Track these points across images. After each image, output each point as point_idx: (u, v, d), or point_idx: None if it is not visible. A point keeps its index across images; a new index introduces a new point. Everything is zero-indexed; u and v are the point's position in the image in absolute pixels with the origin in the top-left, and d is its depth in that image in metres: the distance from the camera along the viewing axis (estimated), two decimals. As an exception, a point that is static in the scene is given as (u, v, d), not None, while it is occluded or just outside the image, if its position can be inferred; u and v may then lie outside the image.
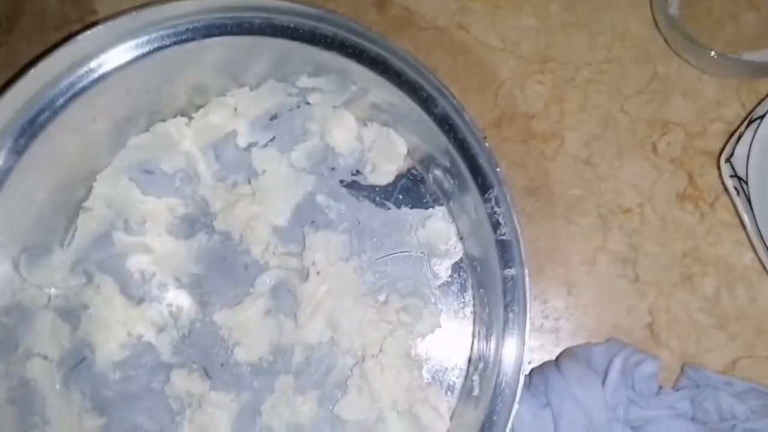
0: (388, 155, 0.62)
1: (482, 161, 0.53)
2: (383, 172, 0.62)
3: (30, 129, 0.55)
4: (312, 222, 0.62)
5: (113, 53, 0.55)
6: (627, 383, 0.54)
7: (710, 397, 0.54)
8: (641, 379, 0.54)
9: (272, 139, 0.64)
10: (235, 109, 0.63)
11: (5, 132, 0.54)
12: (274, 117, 0.64)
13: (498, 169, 0.52)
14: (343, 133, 0.63)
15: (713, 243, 0.61)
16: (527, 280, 0.51)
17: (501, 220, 0.52)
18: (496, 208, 0.52)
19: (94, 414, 0.59)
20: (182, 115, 0.63)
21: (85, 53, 0.54)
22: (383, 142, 0.62)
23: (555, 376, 0.54)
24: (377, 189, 0.62)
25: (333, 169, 0.63)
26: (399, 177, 0.62)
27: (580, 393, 0.52)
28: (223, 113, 0.63)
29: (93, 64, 0.55)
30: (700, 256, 0.61)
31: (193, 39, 0.55)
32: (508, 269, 0.52)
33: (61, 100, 0.55)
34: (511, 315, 0.51)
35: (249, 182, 0.63)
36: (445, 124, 0.54)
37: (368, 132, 0.63)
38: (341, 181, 0.63)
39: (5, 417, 0.55)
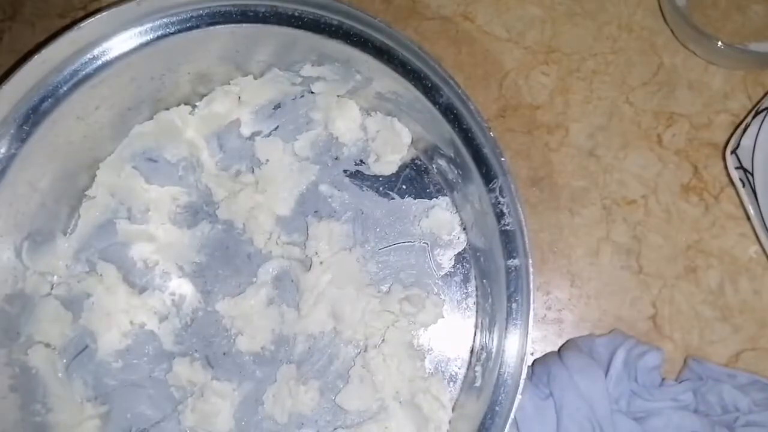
0: (392, 145, 0.62)
1: (487, 151, 0.53)
2: (387, 162, 0.62)
3: (33, 116, 0.54)
4: (315, 211, 0.62)
5: (117, 40, 0.54)
6: (630, 375, 0.54)
7: (713, 390, 0.54)
8: (644, 371, 0.54)
9: (276, 128, 0.63)
10: (239, 97, 0.63)
11: (8, 119, 0.54)
12: (277, 106, 0.64)
13: (503, 159, 0.52)
14: (347, 122, 0.63)
15: (717, 235, 0.61)
16: (531, 270, 0.51)
17: (505, 210, 0.52)
18: (500, 198, 0.52)
19: (96, 402, 0.59)
20: (186, 103, 0.63)
21: (88, 40, 0.54)
22: (387, 131, 0.62)
23: (558, 368, 0.54)
24: (381, 179, 0.62)
25: (336, 158, 0.63)
26: (403, 167, 0.62)
27: (582, 384, 0.52)
28: (227, 102, 0.63)
29: (96, 51, 0.54)
30: (704, 249, 0.61)
31: (197, 27, 0.55)
32: (511, 260, 0.52)
33: (64, 88, 0.55)
34: (514, 305, 0.51)
35: (252, 171, 0.63)
36: (450, 113, 0.54)
37: (372, 121, 0.62)
38: (345, 171, 0.63)
39: (7, 405, 0.55)
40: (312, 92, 0.62)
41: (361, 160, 0.63)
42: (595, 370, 0.53)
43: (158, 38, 0.55)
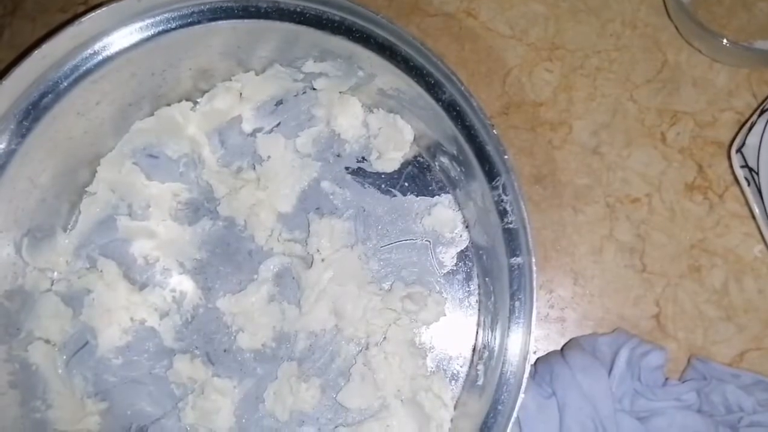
0: (395, 142, 0.61)
1: (490, 148, 0.52)
2: (389, 159, 0.62)
3: (34, 111, 0.54)
4: (317, 208, 0.61)
5: (117, 36, 0.54)
6: (633, 374, 0.54)
7: (717, 390, 0.54)
8: (647, 371, 0.54)
9: (278, 125, 0.63)
10: (241, 94, 0.63)
11: (8, 114, 0.54)
12: (279, 102, 0.63)
13: (506, 157, 0.51)
14: (349, 119, 0.62)
15: (722, 234, 0.60)
16: (534, 268, 0.50)
17: (508, 208, 0.52)
18: (503, 196, 0.52)
19: (96, 399, 0.59)
20: (187, 99, 0.62)
21: (89, 35, 0.54)
22: (389, 128, 0.61)
23: (560, 366, 0.54)
24: (383, 176, 0.62)
25: (338, 155, 0.63)
26: (405, 164, 0.62)
27: (585, 383, 0.52)
28: (229, 98, 0.62)
29: (97, 46, 0.54)
30: (708, 248, 0.60)
31: (198, 22, 0.55)
32: (514, 258, 0.51)
33: (65, 83, 0.54)
34: (517, 303, 0.51)
35: (254, 168, 0.62)
36: (453, 110, 0.53)
37: (374, 118, 0.62)
38: (347, 168, 0.62)
39: (7, 401, 0.55)
40: (314, 89, 0.62)
41: (363, 157, 0.63)
42: (598, 369, 0.53)
43: (159, 33, 0.55)
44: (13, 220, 0.56)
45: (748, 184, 0.57)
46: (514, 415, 0.49)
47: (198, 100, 0.63)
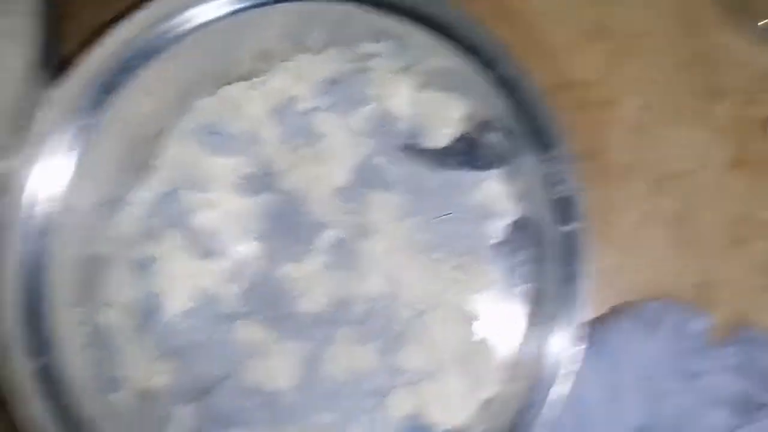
0: (445, 119, 0.64)
1: (541, 122, 0.55)
2: (439, 136, 0.64)
3: (107, 90, 0.58)
4: (370, 183, 0.64)
5: (190, 15, 0.57)
6: (678, 338, 0.56)
7: (763, 355, 0.55)
8: (692, 335, 0.56)
9: (332, 104, 0.66)
10: (298, 74, 0.65)
11: (85, 91, 0.57)
12: (334, 82, 0.66)
13: (556, 129, 0.54)
14: (401, 98, 0.65)
15: (766, 207, 0.62)
16: (585, 236, 0.52)
17: (558, 179, 0.54)
18: (554, 168, 0.54)
19: (163, 360, 0.62)
20: (246, 79, 0.65)
21: (163, 14, 0.57)
22: (440, 106, 0.64)
23: (610, 330, 0.56)
24: (433, 152, 0.64)
25: (390, 132, 0.65)
26: (455, 140, 0.64)
27: (634, 346, 0.54)
28: (286, 78, 0.65)
29: (171, 25, 0.57)
30: (753, 221, 0.62)
31: (266, 3, 0.58)
32: (565, 226, 0.54)
33: (137, 62, 0.58)
34: (568, 269, 0.53)
35: (310, 145, 0.65)
36: (504, 86, 0.56)
37: (425, 97, 0.64)
38: (398, 145, 0.65)
39: (84, 360, 0.58)
40: (368, 69, 0.64)
41: (414, 134, 0.65)
42: (646, 333, 0.55)
43: (231, 13, 0.58)
44: (87, 192, 0.59)
45: (792, 157, 0.59)
46: (566, 375, 0.51)
47: (257, 79, 0.66)
